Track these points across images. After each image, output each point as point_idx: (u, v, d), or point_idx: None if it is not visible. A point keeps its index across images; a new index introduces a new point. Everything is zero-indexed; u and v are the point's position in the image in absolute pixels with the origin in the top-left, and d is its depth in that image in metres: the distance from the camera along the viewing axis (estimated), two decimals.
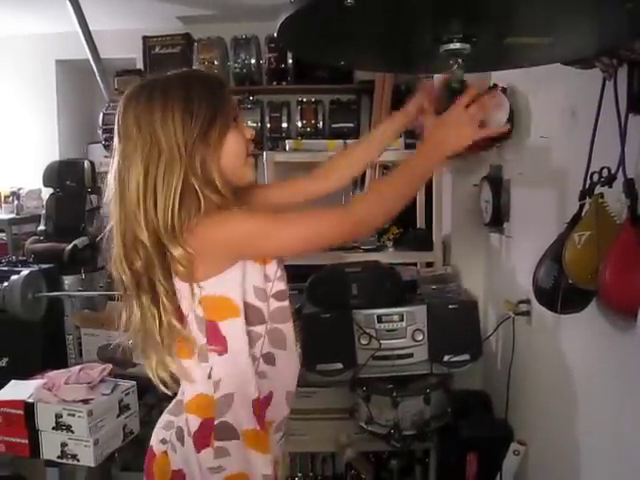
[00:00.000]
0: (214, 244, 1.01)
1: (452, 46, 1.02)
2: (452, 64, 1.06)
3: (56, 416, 1.84)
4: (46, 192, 4.46)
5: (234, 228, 1.02)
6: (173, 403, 1.17)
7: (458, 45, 1.01)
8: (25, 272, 2.71)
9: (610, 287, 1.20)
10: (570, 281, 1.30)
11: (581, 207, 1.33)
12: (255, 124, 4.12)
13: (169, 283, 1.04)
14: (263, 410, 1.10)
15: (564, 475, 1.68)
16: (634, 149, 1.23)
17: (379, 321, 2.04)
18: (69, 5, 3.67)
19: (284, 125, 4.23)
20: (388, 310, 2.05)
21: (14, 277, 2.66)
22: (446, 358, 2.01)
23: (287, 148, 2.59)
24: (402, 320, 2.04)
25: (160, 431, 1.14)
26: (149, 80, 1.06)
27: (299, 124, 4.20)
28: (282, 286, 1.12)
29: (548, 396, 1.80)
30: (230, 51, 4.22)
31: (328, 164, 1.35)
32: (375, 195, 1.10)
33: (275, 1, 1.37)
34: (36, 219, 4.42)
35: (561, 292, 1.33)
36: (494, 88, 1.91)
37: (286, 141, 2.68)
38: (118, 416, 1.96)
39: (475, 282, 2.41)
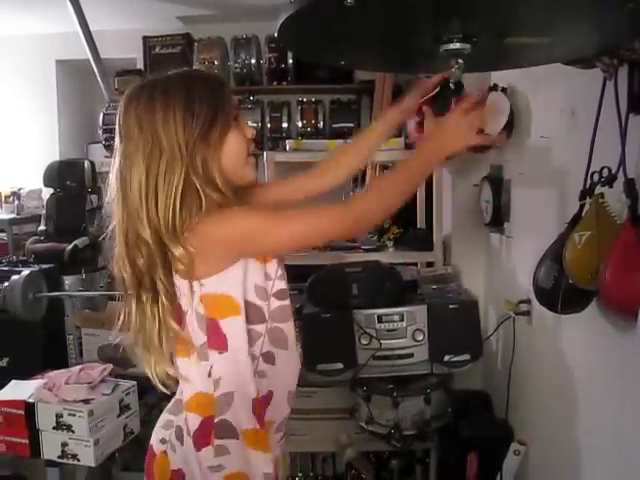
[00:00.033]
0: (215, 242, 1.02)
1: (452, 46, 1.02)
2: (451, 64, 1.07)
3: (56, 416, 1.84)
4: (46, 192, 4.46)
5: (235, 226, 1.02)
6: (172, 402, 1.17)
7: (458, 45, 1.02)
8: (26, 272, 2.71)
9: (610, 287, 1.20)
10: (570, 281, 1.30)
11: (581, 207, 1.33)
12: (255, 124, 4.12)
13: (169, 282, 1.04)
14: (263, 409, 1.10)
15: (564, 475, 1.68)
16: (634, 149, 1.23)
17: (379, 321, 2.04)
18: (69, 5, 3.67)
19: (284, 125, 4.23)
20: (388, 310, 2.05)
21: (15, 277, 2.66)
22: (446, 358, 2.01)
23: (287, 148, 2.59)
24: (402, 320, 2.04)
25: (160, 430, 1.14)
26: (150, 80, 1.06)
27: (299, 124, 4.19)
28: (283, 285, 1.12)
29: (548, 396, 1.80)
30: (230, 51, 4.21)
31: (324, 163, 1.35)
32: (375, 192, 1.11)
33: (275, 1, 1.37)
34: (36, 219, 4.42)
35: (561, 292, 1.33)
36: (494, 88, 1.91)
37: (286, 141, 2.68)
38: (119, 416, 1.96)
39: (475, 282, 2.41)
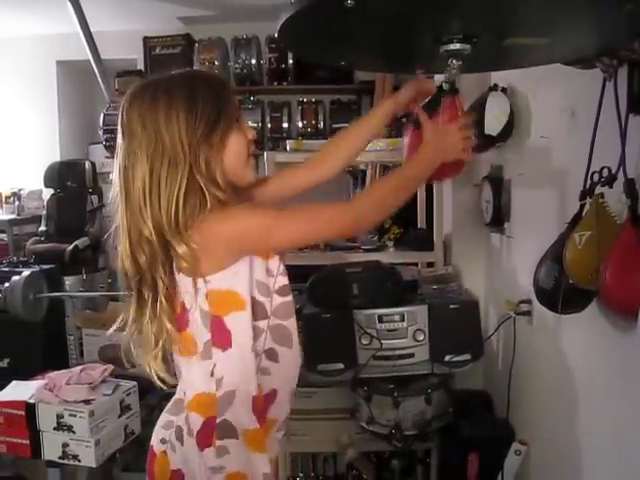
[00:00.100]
0: (217, 240, 1.02)
1: (452, 47, 1.02)
2: (449, 65, 1.07)
3: (57, 416, 1.84)
4: (47, 193, 4.47)
5: (237, 224, 1.02)
6: (172, 402, 1.17)
7: (458, 46, 1.02)
8: (26, 273, 2.71)
9: (611, 287, 1.20)
10: (571, 281, 1.30)
11: (582, 207, 1.33)
12: (256, 124, 4.13)
13: (170, 280, 1.04)
14: (266, 407, 1.11)
15: (565, 475, 1.68)
16: (634, 149, 1.23)
17: (380, 321, 2.04)
18: (70, 6, 3.68)
19: (285, 125, 4.24)
20: (389, 310, 2.05)
21: (15, 278, 2.66)
22: (447, 358, 2.01)
23: (288, 148, 2.59)
24: (403, 320, 2.04)
25: (160, 431, 1.14)
26: (153, 79, 1.06)
27: (300, 124, 4.20)
28: (285, 281, 1.12)
29: (549, 396, 1.80)
30: (231, 51, 4.22)
31: (319, 153, 1.36)
32: (374, 194, 1.15)
33: (275, 1, 1.37)
34: (37, 220, 4.42)
35: (562, 292, 1.33)
36: (494, 88, 1.92)
37: (287, 141, 2.68)
38: (119, 416, 1.96)
39: (476, 282, 2.41)
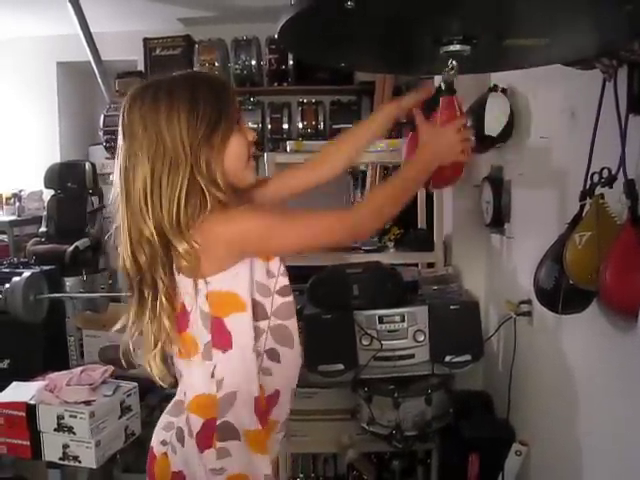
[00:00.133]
0: (218, 241, 1.02)
1: (452, 48, 1.02)
2: (447, 65, 1.07)
3: (58, 417, 1.85)
4: (47, 194, 4.47)
5: (238, 226, 1.03)
6: (172, 404, 1.17)
7: (458, 47, 1.01)
8: (27, 274, 2.72)
9: (611, 288, 1.20)
10: (571, 281, 1.30)
11: (582, 208, 1.33)
12: (256, 125, 4.13)
13: (170, 281, 1.05)
14: (269, 409, 1.11)
15: (566, 475, 1.68)
16: (634, 150, 1.23)
17: (380, 322, 2.04)
18: (70, 7, 3.68)
19: (285, 126, 4.24)
20: (389, 311, 2.05)
21: (16, 279, 2.67)
22: (447, 359, 2.01)
23: (288, 149, 2.59)
24: (403, 321, 2.04)
25: (160, 432, 1.15)
26: (154, 80, 1.06)
27: (300, 125, 4.20)
28: (286, 281, 1.13)
29: (549, 396, 1.80)
30: (231, 52, 4.22)
31: (319, 155, 1.36)
32: (373, 202, 1.14)
33: (275, 3, 1.38)
34: (37, 221, 4.43)
35: (562, 292, 1.33)
36: (494, 89, 1.92)
37: (287, 142, 2.68)
38: (120, 417, 1.96)
39: (476, 283, 2.41)
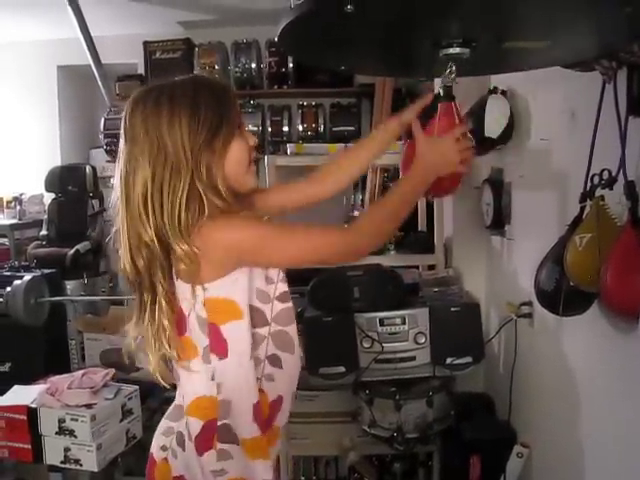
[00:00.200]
0: (216, 247, 1.02)
1: (451, 51, 1.02)
2: (446, 70, 1.07)
3: (59, 421, 1.85)
4: (48, 197, 4.47)
5: (236, 234, 1.03)
6: (172, 408, 1.17)
7: (457, 50, 1.01)
8: (27, 277, 2.72)
9: (611, 289, 1.20)
10: (572, 283, 1.30)
11: (582, 209, 1.34)
12: (256, 128, 4.13)
13: (169, 284, 1.05)
14: (275, 414, 1.11)
15: (567, 477, 1.68)
16: (634, 151, 1.23)
17: (381, 324, 2.04)
18: (70, 11, 3.69)
19: (285, 129, 4.24)
20: (390, 313, 2.05)
21: (17, 282, 2.67)
22: (448, 361, 2.01)
23: (288, 152, 2.59)
24: (404, 323, 2.04)
25: (160, 437, 1.14)
26: (156, 85, 1.07)
27: (300, 128, 4.20)
28: (285, 288, 1.12)
29: (551, 398, 1.80)
30: (231, 55, 4.22)
31: (325, 166, 1.36)
32: (371, 221, 1.12)
33: (275, 6, 1.38)
34: (38, 224, 4.43)
35: (563, 294, 1.33)
36: (494, 91, 1.92)
37: (287, 145, 2.68)
38: (121, 421, 1.96)
39: (477, 284, 2.41)
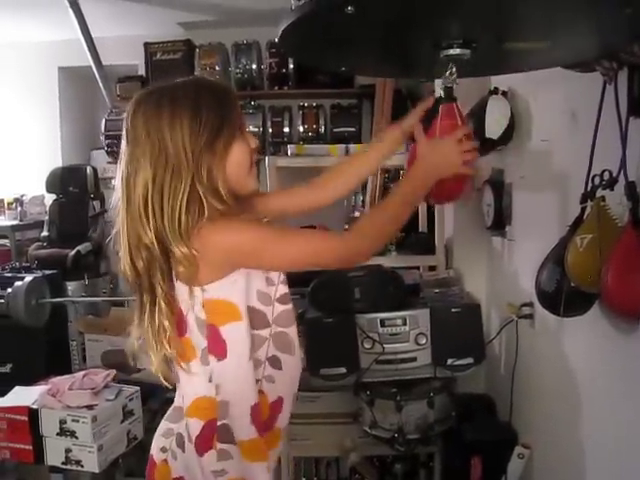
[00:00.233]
0: (215, 249, 1.02)
1: (452, 52, 1.02)
2: (447, 71, 1.07)
3: (60, 422, 1.85)
4: (49, 198, 4.48)
5: (237, 236, 1.03)
6: (171, 410, 1.17)
7: (458, 51, 1.01)
8: (29, 278, 2.73)
9: (612, 290, 1.20)
10: (572, 284, 1.30)
11: (583, 210, 1.34)
12: (257, 129, 4.13)
13: (168, 286, 1.05)
14: (275, 415, 1.12)
15: (569, 478, 1.67)
16: (635, 152, 1.23)
17: (382, 325, 2.04)
18: (71, 12, 3.69)
19: (286, 130, 4.24)
20: (391, 314, 2.05)
21: (18, 283, 2.67)
22: (449, 362, 2.00)
23: (289, 153, 2.59)
24: (405, 324, 2.03)
25: (160, 439, 1.15)
26: (158, 86, 1.07)
27: (301, 129, 4.20)
28: (286, 289, 1.13)
29: (552, 399, 1.80)
30: (231, 56, 4.23)
31: (326, 175, 1.35)
32: (371, 225, 1.11)
33: (275, 7, 1.39)
34: (39, 225, 4.43)
35: (564, 295, 1.33)
36: (495, 92, 1.92)
37: (288, 146, 2.68)
38: (122, 422, 1.96)
39: (478, 285, 2.41)
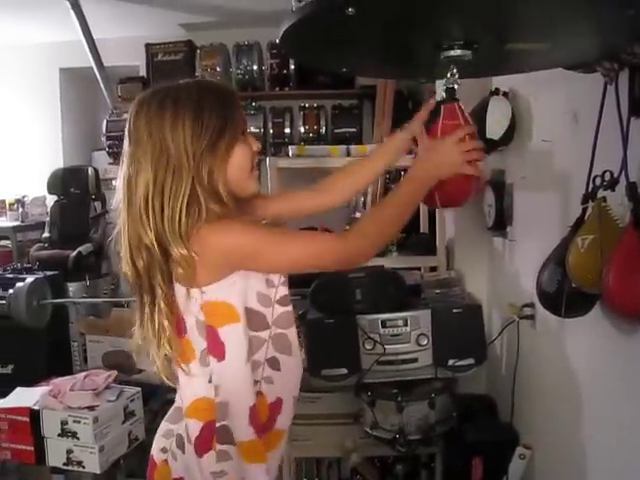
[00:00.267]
0: (213, 251, 1.02)
1: (453, 53, 1.02)
2: (448, 72, 1.07)
3: (61, 423, 1.85)
4: (50, 199, 4.48)
5: (234, 238, 1.03)
6: (171, 410, 1.18)
7: (459, 52, 1.01)
8: (30, 279, 2.73)
9: (614, 290, 1.20)
10: (574, 285, 1.30)
11: (584, 211, 1.33)
12: (258, 130, 4.14)
13: (168, 287, 1.05)
14: (275, 416, 1.12)
15: (570, 479, 1.67)
16: (636, 153, 1.23)
17: (383, 326, 2.04)
18: (72, 13, 3.70)
19: (287, 131, 4.24)
20: (392, 315, 2.04)
21: (19, 284, 2.68)
22: (450, 362, 2.00)
23: (290, 154, 2.58)
24: (406, 325, 2.03)
25: (160, 440, 1.15)
26: (160, 87, 1.07)
27: (302, 129, 4.20)
28: (286, 291, 1.13)
29: (553, 400, 1.80)
30: (232, 57, 4.23)
31: (331, 179, 1.34)
32: (372, 225, 1.10)
33: (276, 8, 1.39)
34: (40, 226, 4.43)
35: (565, 296, 1.33)
36: (496, 92, 1.92)
37: (289, 147, 2.67)
38: (123, 422, 1.96)
39: (479, 286, 2.41)
